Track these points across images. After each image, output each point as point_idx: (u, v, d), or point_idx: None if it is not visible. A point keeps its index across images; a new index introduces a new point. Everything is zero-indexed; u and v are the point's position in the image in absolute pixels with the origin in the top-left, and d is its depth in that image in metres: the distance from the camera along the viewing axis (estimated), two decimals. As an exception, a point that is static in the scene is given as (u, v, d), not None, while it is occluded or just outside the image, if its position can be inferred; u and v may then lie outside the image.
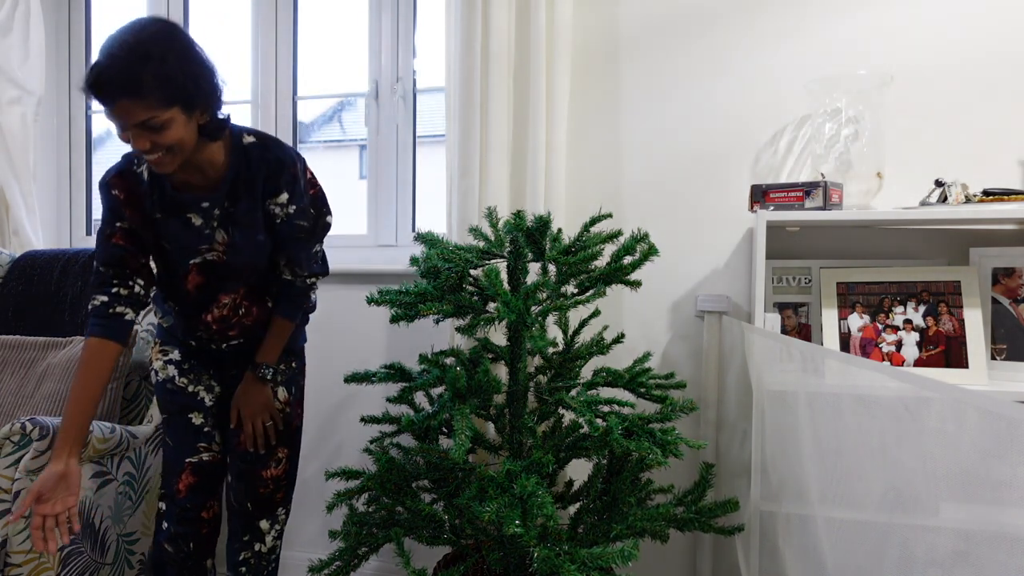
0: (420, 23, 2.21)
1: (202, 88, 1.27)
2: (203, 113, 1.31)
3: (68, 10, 2.54)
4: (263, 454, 1.58)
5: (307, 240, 1.51)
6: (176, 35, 1.25)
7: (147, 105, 1.20)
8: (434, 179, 2.17)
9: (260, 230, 1.46)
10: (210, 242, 1.45)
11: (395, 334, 2.15)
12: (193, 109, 1.27)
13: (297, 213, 1.46)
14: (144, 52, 1.19)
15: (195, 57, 1.27)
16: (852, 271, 1.67)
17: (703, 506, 1.49)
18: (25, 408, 1.89)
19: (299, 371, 1.66)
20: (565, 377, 1.59)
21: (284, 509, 1.64)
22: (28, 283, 2.15)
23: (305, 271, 1.54)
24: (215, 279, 1.49)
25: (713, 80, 1.89)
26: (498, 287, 1.36)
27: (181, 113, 1.25)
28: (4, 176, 2.29)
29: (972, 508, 0.57)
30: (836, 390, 0.92)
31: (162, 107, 1.21)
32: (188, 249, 1.45)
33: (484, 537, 1.44)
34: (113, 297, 1.41)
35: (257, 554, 1.60)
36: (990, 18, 1.70)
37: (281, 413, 1.60)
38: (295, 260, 1.52)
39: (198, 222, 1.43)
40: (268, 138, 1.44)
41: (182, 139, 1.27)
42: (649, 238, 1.49)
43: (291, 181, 1.43)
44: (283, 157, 1.42)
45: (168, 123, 1.23)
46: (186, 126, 1.27)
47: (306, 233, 1.50)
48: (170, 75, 1.21)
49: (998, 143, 1.71)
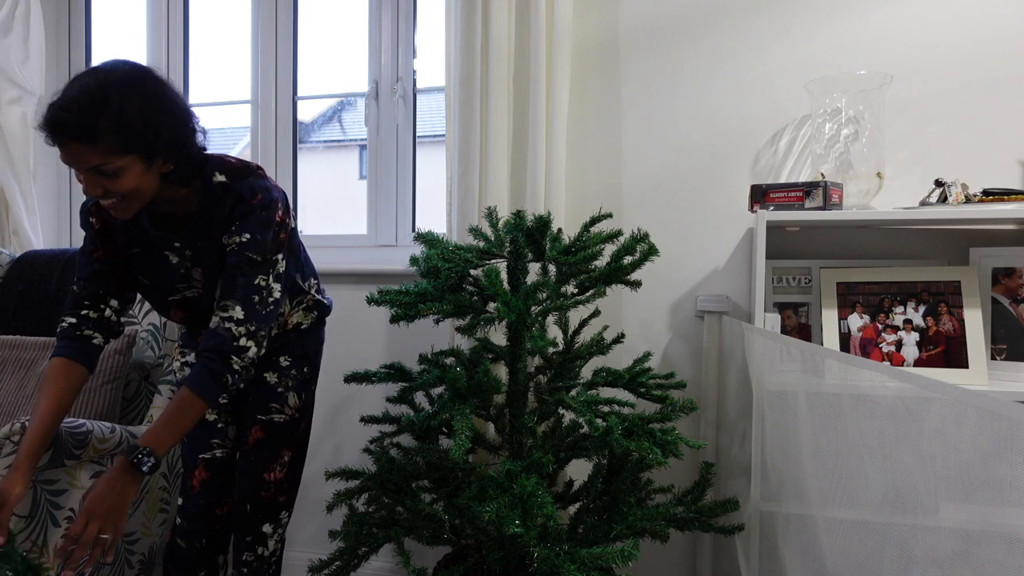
0: (420, 23, 2.21)
1: (164, 137, 1.20)
2: (166, 162, 1.23)
3: (68, 10, 2.54)
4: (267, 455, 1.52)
5: (249, 270, 1.28)
6: (145, 81, 1.19)
7: (99, 151, 1.14)
8: (434, 179, 2.17)
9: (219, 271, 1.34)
10: (187, 280, 1.39)
11: (395, 334, 2.15)
12: (153, 158, 1.20)
13: (248, 244, 1.28)
14: (103, 97, 1.13)
15: (162, 104, 1.20)
16: (852, 271, 1.67)
17: (703, 506, 1.49)
18: (25, 408, 1.89)
19: (311, 376, 1.60)
20: (565, 377, 1.59)
21: (287, 512, 1.61)
22: (28, 283, 2.15)
23: (235, 308, 1.25)
24: (197, 314, 1.44)
25: (713, 80, 1.89)
26: (498, 287, 1.36)
27: (138, 161, 1.18)
28: (4, 176, 2.29)
29: (972, 508, 0.57)
30: (836, 390, 0.92)
31: (116, 154, 1.15)
32: (167, 286, 1.39)
33: (484, 537, 1.44)
34: (81, 320, 1.37)
35: (259, 557, 1.58)
36: (990, 18, 1.70)
37: (289, 419, 1.54)
38: (226, 291, 1.27)
39: (174, 260, 1.37)
40: (237, 172, 1.32)
41: (137, 188, 1.20)
42: (649, 238, 1.49)
43: (246, 213, 1.28)
44: (241, 190, 1.29)
45: (121, 171, 1.17)
46: (143, 175, 1.20)
47: (250, 264, 1.28)
48: (127, 122, 1.14)
49: (998, 143, 1.71)
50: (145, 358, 1.99)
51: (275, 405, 1.54)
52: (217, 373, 1.24)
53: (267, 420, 1.52)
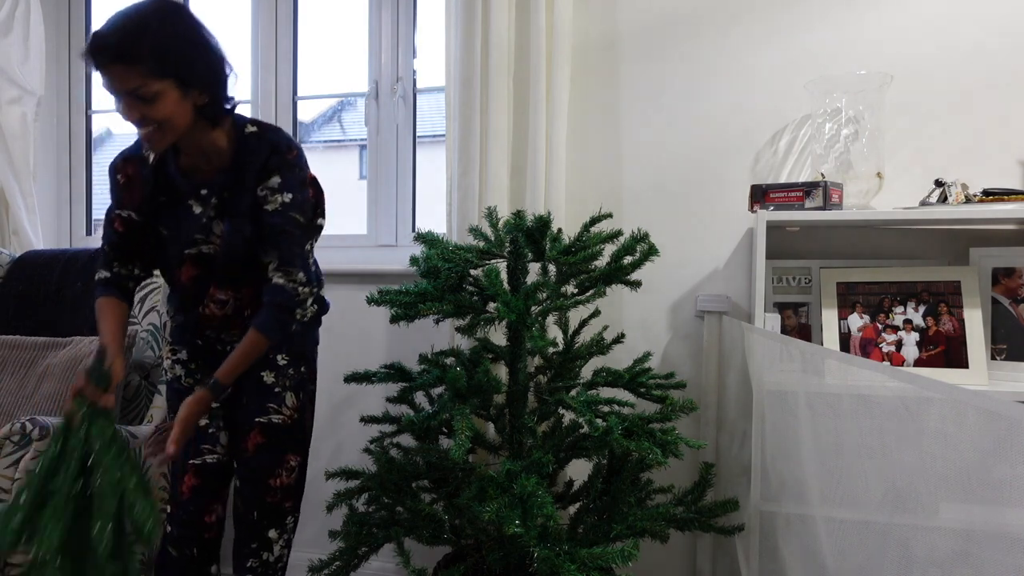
0: (420, 23, 2.21)
1: (200, 67, 1.27)
2: (201, 94, 1.29)
3: (68, 10, 2.54)
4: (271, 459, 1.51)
5: (300, 236, 1.40)
6: (182, 14, 1.27)
7: (138, 72, 1.20)
8: (434, 179, 2.17)
9: (249, 222, 1.40)
10: (207, 233, 1.42)
11: (395, 334, 2.15)
12: (189, 87, 1.26)
13: (292, 204, 1.37)
14: (143, 22, 1.21)
15: (198, 38, 1.28)
16: (852, 271, 1.67)
17: (703, 506, 1.49)
18: (25, 408, 1.89)
19: (308, 376, 1.58)
20: (565, 377, 1.59)
21: (293, 517, 1.58)
22: (28, 283, 2.15)
23: (299, 273, 1.40)
24: (209, 273, 1.46)
25: (713, 80, 1.89)
26: (498, 287, 1.36)
27: (175, 88, 1.24)
28: (4, 176, 2.29)
29: (972, 508, 0.57)
30: (836, 390, 0.92)
31: (153, 77, 1.21)
32: (185, 238, 1.44)
33: (484, 537, 1.44)
34: (115, 275, 1.47)
35: (264, 563, 1.54)
36: (990, 18, 1.70)
37: (289, 420, 1.53)
38: (286, 258, 1.38)
39: (197, 210, 1.41)
40: (268, 126, 1.43)
41: (173, 115, 1.26)
42: (649, 238, 1.49)
43: (283, 165, 1.37)
44: (277, 141, 1.39)
45: (158, 96, 1.23)
46: (179, 103, 1.26)
47: (300, 228, 1.39)
48: (166, 46, 1.21)
49: (998, 143, 1.71)
50: (145, 358, 1.99)
51: (272, 406, 1.52)
52: (284, 322, 1.39)
53: (266, 423, 1.51)
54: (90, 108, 2.56)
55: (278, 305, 1.38)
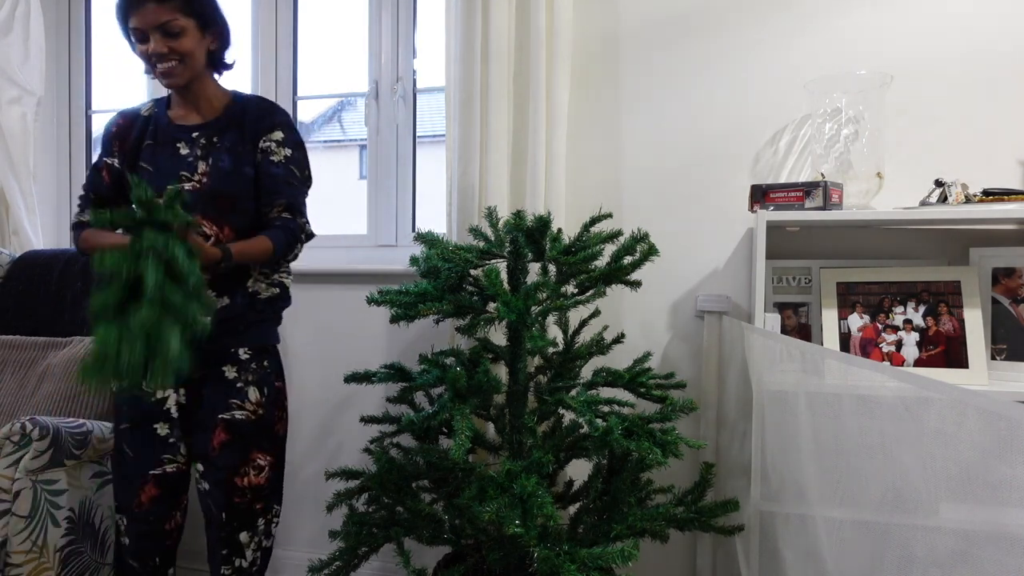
0: (420, 23, 2.21)
1: (216, 15, 1.51)
2: (214, 40, 1.52)
3: (68, 10, 2.54)
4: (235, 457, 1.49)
5: (300, 187, 1.58)
6: None
7: (170, 8, 1.41)
8: (434, 179, 2.17)
9: (248, 164, 1.53)
10: (191, 171, 1.51)
11: (395, 334, 2.15)
12: (207, 29, 1.49)
13: (293, 159, 1.56)
14: None
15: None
16: (852, 271, 1.67)
17: (703, 506, 1.49)
18: (25, 408, 1.89)
19: (272, 371, 1.57)
20: (565, 377, 1.59)
21: (266, 520, 1.56)
22: (28, 283, 2.15)
23: (302, 219, 1.57)
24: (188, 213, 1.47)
25: (713, 80, 1.89)
26: (498, 287, 1.36)
27: (196, 29, 1.46)
28: (4, 176, 2.29)
29: (972, 508, 0.57)
30: (836, 390, 0.92)
31: (182, 14, 1.43)
32: (169, 173, 1.51)
33: (484, 537, 1.44)
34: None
35: (237, 570, 1.53)
36: (990, 18, 1.70)
37: (253, 415, 1.52)
38: (294, 204, 1.55)
39: (184, 151, 1.53)
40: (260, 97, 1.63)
41: (194, 51, 1.46)
42: (649, 238, 1.49)
43: (284, 125, 1.57)
44: (276, 105, 1.60)
45: (183, 31, 1.44)
46: (199, 42, 1.48)
47: (299, 181, 1.57)
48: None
49: (998, 143, 1.71)
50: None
51: (235, 401, 1.51)
52: (289, 243, 1.51)
53: (229, 419, 1.50)
54: (90, 108, 2.56)
55: (288, 229, 1.52)
